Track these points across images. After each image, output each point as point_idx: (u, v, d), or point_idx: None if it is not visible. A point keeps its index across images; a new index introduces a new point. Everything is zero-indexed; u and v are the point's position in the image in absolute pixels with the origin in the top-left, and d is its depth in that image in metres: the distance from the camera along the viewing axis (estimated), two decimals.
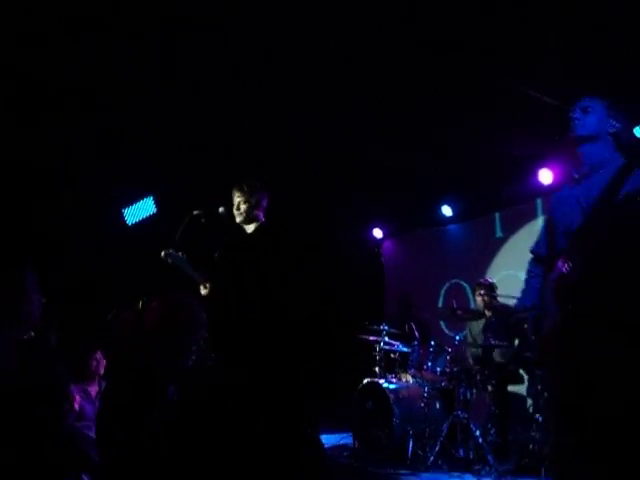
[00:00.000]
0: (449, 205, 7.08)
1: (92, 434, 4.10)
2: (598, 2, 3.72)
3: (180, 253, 3.83)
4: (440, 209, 7.15)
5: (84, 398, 4.23)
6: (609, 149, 2.47)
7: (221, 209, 4.20)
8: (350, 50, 4.38)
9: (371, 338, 5.69)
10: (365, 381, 5.41)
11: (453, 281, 7.36)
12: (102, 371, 4.57)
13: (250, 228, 3.93)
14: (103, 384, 4.48)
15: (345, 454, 5.40)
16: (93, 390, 4.46)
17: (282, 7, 3.92)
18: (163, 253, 3.80)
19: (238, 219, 3.93)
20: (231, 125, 5.35)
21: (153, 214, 5.86)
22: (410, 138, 5.63)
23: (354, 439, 5.35)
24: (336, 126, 5.43)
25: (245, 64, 4.55)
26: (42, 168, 5.40)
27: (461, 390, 4.85)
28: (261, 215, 3.94)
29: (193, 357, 2.35)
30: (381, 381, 5.33)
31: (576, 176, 2.50)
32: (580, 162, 2.51)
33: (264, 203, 3.95)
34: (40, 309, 2.37)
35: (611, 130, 2.46)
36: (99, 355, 4.59)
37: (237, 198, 3.91)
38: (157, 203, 5.88)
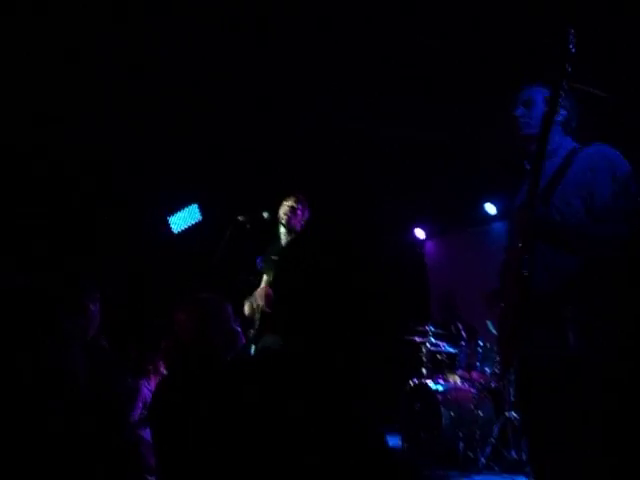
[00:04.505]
0: (493, 203, 6.96)
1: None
2: None
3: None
4: (483, 207, 7.03)
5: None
6: (557, 136, 2.39)
7: (265, 214, 4.23)
8: (400, 44, 4.34)
9: (417, 339, 5.66)
10: (412, 382, 5.38)
11: None
12: (162, 368, 4.59)
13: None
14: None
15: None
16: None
17: None
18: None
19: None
20: (274, 128, 5.39)
21: (199, 221, 5.94)
22: (451, 135, 5.57)
23: (403, 441, 5.33)
24: (376, 128, 5.42)
25: (290, 72, 4.58)
26: (89, 179, 5.54)
27: (512, 391, 4.76)
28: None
29: (231, 346, 2.44)
30: (429, 382, 5.28)
31: (528, 167, 2.42)
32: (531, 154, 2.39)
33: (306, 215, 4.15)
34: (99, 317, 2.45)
35: (557, 119, 2.34)
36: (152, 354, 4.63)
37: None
38: (202, 210, 5.97)
